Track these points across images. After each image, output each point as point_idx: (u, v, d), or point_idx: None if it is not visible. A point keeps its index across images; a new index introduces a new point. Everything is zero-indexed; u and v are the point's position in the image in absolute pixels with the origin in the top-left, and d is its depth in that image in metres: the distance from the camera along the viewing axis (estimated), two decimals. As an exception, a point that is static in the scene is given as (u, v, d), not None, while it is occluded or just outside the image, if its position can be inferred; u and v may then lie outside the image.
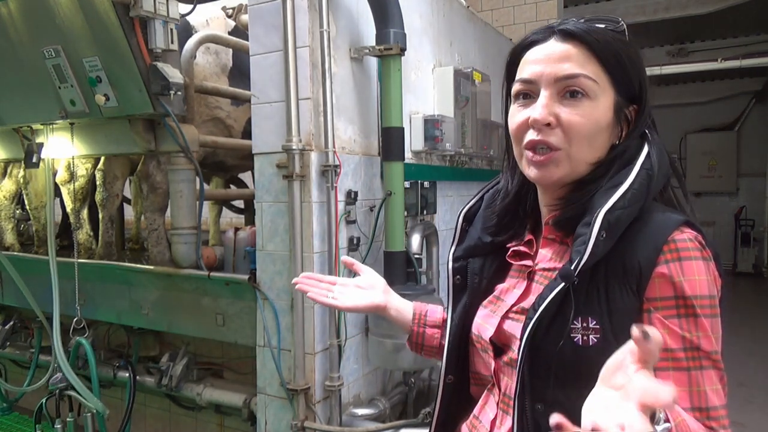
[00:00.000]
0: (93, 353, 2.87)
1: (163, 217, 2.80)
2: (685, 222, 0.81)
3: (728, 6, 6.15)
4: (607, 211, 0.79)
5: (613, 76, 0.85)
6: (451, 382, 1.02)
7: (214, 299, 2.63)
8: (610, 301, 0.80)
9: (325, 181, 2.31)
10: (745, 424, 3.64)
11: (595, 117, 0.84)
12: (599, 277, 0.81)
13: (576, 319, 0.81)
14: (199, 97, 2.87)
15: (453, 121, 3.07)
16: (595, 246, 0.78)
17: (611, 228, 0.79)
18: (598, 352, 0.78)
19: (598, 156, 0.86)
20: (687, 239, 0.79)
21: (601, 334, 0.80)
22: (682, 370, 0.76)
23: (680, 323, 0.77)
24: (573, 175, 0.86)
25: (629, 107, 0.88)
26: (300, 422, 2.30)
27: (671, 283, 0.78)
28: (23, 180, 3.39)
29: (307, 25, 2.24)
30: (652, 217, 0.81)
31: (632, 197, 0.80)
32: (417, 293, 2.41)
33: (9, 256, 3.27)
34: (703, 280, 0.78)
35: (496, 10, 4.79)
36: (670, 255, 0.78)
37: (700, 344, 0.76)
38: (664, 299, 0.78)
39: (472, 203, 1.05)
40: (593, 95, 0.84)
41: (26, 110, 2.81)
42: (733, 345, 5.10)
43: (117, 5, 2.22)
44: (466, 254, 1.02)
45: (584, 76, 0.83)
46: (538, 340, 0.83)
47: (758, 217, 8.38)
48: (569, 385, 0.81)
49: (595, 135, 0.85)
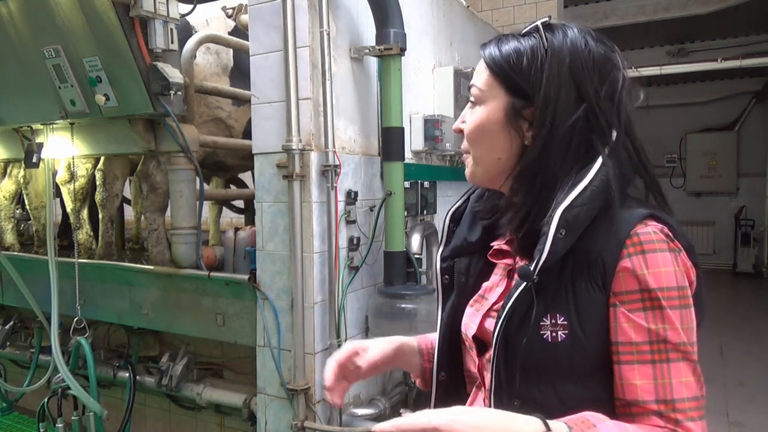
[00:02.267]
0: (92, 353, 2.88)
1: (163, 217, 2.79)
2: (649, 215, 0.82)
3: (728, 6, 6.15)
4: (564, 209, 0.80)
5: (501, 80, 0.89)
6: (444, 380, 1.03)
7: (214, 299, 2.63)
8: (577, 297, 0.81)
9: (325, 181, 2.31)
10: (745, 424, 3.64)
11: (480, 120, 0.91)
12: (566, 273, 0.82)
13: (545, 316, 0.82)
14: (200, 98, 2.87)
15: (453, 121, 3.07)
16: (553, 244, 0.79)
17: (570, 226, 0.80)
18: (566, 348, 0.81)
19: (499, 157, 0.91)
20: (651, 231, 0.80)
21: (569, 330, 0.81)
22: (647, 363, 0.77)
23: (646, 316, 0.78)
24: (488, 174, 0.94)
25: (530, 107, 0.87)
26: (300, 422, 2.30)
27: (635, 277, 0.78)
28: (23, 180, 3.39)
29: (307, 25, 2.24)
30: (617, 212, 0.82)
31: (591, 194, 0.81)
32: (417, 293, 2.42)
33: (9, 256, 3.27)
34: (669, 272, 0.78)
35: (496, 10, 4.79)
36: (633, 248, 0.79)
37: (666, 336, 0.77)
38: (630, 293, 0.79)
39: (458, 204, 1.07)
40: (480, 101, 0.91)
41: (26, 110, 2.81)
42: (733, 345, 5.11)
43: (117, 5, 2.22)
44: (452, 254, 1.04)
45: (473, 86, 0.93)
46: (510, 337, 0.84)
47: (758, 217, 8.37)
48: (542, 381, 0.83)
49: (485, 136, 0.91)
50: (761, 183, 8.41)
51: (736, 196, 8.93)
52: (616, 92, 0.86)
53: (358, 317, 2.54)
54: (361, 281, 2.56)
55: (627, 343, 0.79)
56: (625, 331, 0.79)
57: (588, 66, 0.86)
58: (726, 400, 3.97)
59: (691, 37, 7.86)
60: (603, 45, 0.89)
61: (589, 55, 0.86)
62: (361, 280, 2.56)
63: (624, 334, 0.79)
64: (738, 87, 8.61)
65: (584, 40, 0.87)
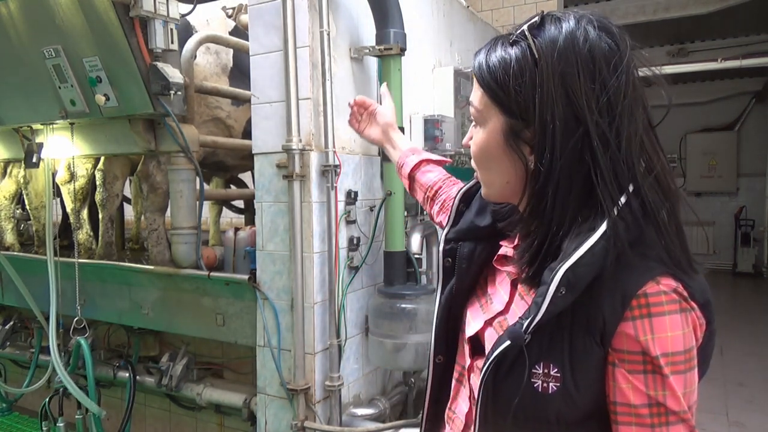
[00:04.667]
0: (90, 354, 2.87)
1: (163, 217, 2.79)
2: (663, 272, 0.74)
3: (728, 6, 6.15)
4: (569, 267, 0.73)
5: (494, 99, 0.81)
6: (441, 363, 1.02)
7: (214, 299, 2.63)
8: (573, 350, 0.76)
9: (325, 181, 2.31)
10: (745, 424, 3.64)
11: (481, 143, 0.86)
12: (564, 322, 0.77)
13: (538, 364, 0.78)
14: (200, 97, 2.87)
15: (453, 121, 3.07)
16: (551, 303, 0.74)
17: (572, 285, 0.73)
18: (556, 400, 0.77)
19: (507, 180, 0.84)
20: (662, 292, 0.73)
21: (561, 382, 0.77)
22: (645, 426, 0.74)
23: (645, 380, 0.74)
24: (496, 195, 0.89)
25: (529, 129, 0.78)
26: (300, 422, 2.30)
27: (637, 341, 0.73)
28: (23, 180, 3.39)
29: (307, 25, 2.24)
30: (628, 262, 0.74)
31: (601, 251, 0.73)
32: (417, 293, 2.41)
33: (9, 256, 3.27)
34: (677, 336, 0.73)
35: (496, 10, 4.78)
36: (638, 311, 0.73)
37: (665, 403, 0.73)
38: (631, 353, 0.74)
39: (471, 184, 1.03)
40: (479, 122, 0.86)
41: (26, 110, 2.81)
42: (733, 345, 5.11)
43: (117, 5, 2.22)
44: (457, 237, 0.98)
45: (472, 107, 0.86)
46: (499, 381, 0.81)
47: (758, 217, 8.37)
48: (529, 426, 0.81)
49: (486, 159, 0.86)
50: (761, 183, 8.40)
51: (736, 196, 8.93)
52: (618, 103, 0.74)
53: (358, 317, 2.54)
54: (361, 281, 2.56)
55: (625, 405, 0.75)
56: (624, 393, 0.75)
57: (587, 71, 0.74)
58: (726, 400, 3.97)
59: (691, 37, 7.86)
60: (608, 35, 0.76)
61: (588, 55, 0.74)
62: (361, 280, 2.56)
63: (623, 395, 0.75)
64: (738, 87, 8.61)
65: (583, 34, 0.74)
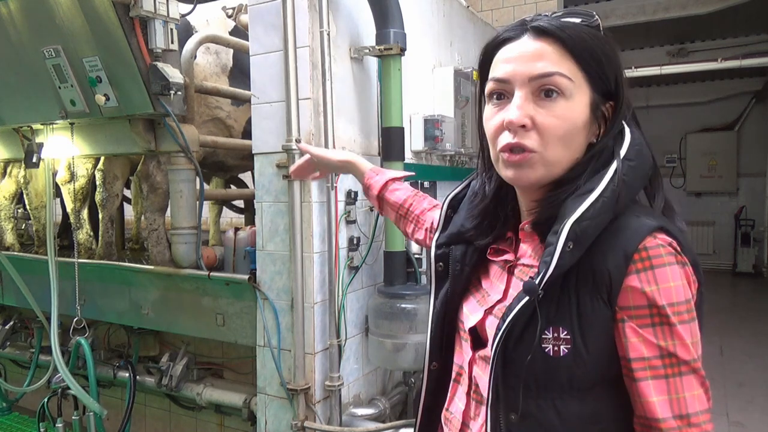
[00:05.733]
0: (91, 354, 2.88)
1: (163, 217, 2.79)
2: (658, 228, 0.78)
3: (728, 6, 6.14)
4: (574, 222, 0.77)
5: (588, 72, 0.82)
6: (436, 369, 1.02)
7: (214, 299, 2.63)
8: (581, 310, 0.79)
9: (325, 181, 2.31)
10: (745, 424, 3.64)
11: (572, 117, 0.81)
12: (570, 286, 0.79)
13: (547, 329, 0.79)
14: (200, 98, 2.87)
15: (453, 121, 3.07)
16: (560, 258, 0.77)
17: (578, 239, 0.77)
18: (568, 363, 0.79)
19: (576, 157, 0.84)
20: (660, 245, 0.77)
21: (572, 344, 0.79)
22: (660, 377, 0.77)
23: (655, 332, 0.77)
24: (549, 176, 0.84)
25: (606, 104, 0.85)
26: (300, 422, 2.30)
27: (643, 294, 0.76)
28: (23, 180, 3.39)
29: (307, 25, 2.24)
30: (625, 222, 0.79)
31: (602, 206, 0.77)
32: (417, 293, 2.42)
33: (9, 256, 3.27)
34: (679, 286, 0.77)
35: (496, 10, 4.79)
36: (641, 264, 0.77)
37: (676, 352, 0.76)
38: (638, 308, 0.77)
39: (458, 190, 1.04)
40: (569, 94, 0.81)
41: (26, 110, 2.81)
42: (733, 345, 5.12)
43: (117, 5, 2.22)
44: (449, 241, 1.00)
45: (559, 74, 0.80)
46: (509, 350, 0.82)
47: (758, 217, 8.37)
48: (540, 395, 0.81)
49: (571, 136, 0.82)
50: (761, 183, 8.40)
51: (736, 196, 8.93)
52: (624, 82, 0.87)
53: (358, 317, 2.54)
54: (361, 281, 2.56)
55: (639, 359, 0.77)
56: (636, 347, 0.77)
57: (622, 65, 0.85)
58: (726, 400, 3.97)
59: (691, 37, 7.86)
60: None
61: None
62: (361, 280, 2.56)
63: (635, 350, 0.77)
64: (738, 87, 8.61)
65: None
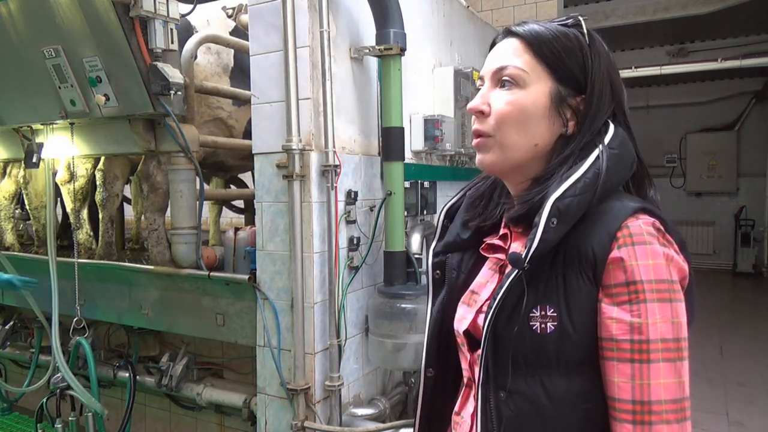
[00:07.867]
0: (92, 353, 2.87)
1: (163, 217, 2.79)
2: (641, 209, 0.82)
3: (728, 6, 6.15)
4: (556, 199, 0.80)
5: (548, 65, 0.88)
6: (432, 376, 1.03)
7: (214, 299, 2.63)
8: (568, 289, 0.81)
9: (325, 181, 2.31)
10: (745, 424, 3.64)
11: (524, 104, 0.87)
12: (557, 265, 0.82)
13: (535, 307, 0.82)
14: (201, 98, 2.87)
15: (453, 121, 3.07)
16: (545, 233, 0.80)
17: (562, 215, 0.80)
18: (555, 340, 0.81)
19: (536, 143, 0.89)
20: (642, 224, 0.80)
21: (558, 321, 0.81)
22: (626, 361, 0.78)
23: (630, 309, 0.78)
24: (508, 160, 0.90)
25: (577, 97, 0.89)
26: (300, 422, 2.30)
27: (623, 268, 0.78)
28: (23, 180, 3.39)
29: (307, 25, 2.24)
30: (609, 206, 0.83)
31: (584, 186, 0.81)
32: (417, 293, 2.42)
33: (9, 256, 3.27)
34: (659, 264, 0.78)
35: (496, 10, 4.79)
36: (623, 240, 0.79)
37: (648, 333, 0.77)
38: (617, 285, 0.79)
39: (454, 200, 1.07)
40: (522, 83, 0.88)
41: (26, 110, 2.81)
42: (733, 345, 5.12)
43: (117, 5, 2.22)
44: (445, 249, 1.04)
45: (513, 66, 0.88)
46: (499, 328, 0.85)
47: (758, 217, 8.37)
48: (529, 373, 0.83)
49: (524, 121, 0.88)
50: (761, 183, 8.40)
51: (736, 196, 8.94)
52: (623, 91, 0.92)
53: (358, 317, 2.54)
54: (361, 281, 2.56)
55: (609, 339, 0.79)
56: (608, 327, 0.79)
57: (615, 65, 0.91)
58: (726, 400, 3.97)
59: (691, 37, 7.86)
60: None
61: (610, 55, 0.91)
62: (361, 280, 2.56)
63: (607, 329, 0.79)
64: (738, 87, 8.62)
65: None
